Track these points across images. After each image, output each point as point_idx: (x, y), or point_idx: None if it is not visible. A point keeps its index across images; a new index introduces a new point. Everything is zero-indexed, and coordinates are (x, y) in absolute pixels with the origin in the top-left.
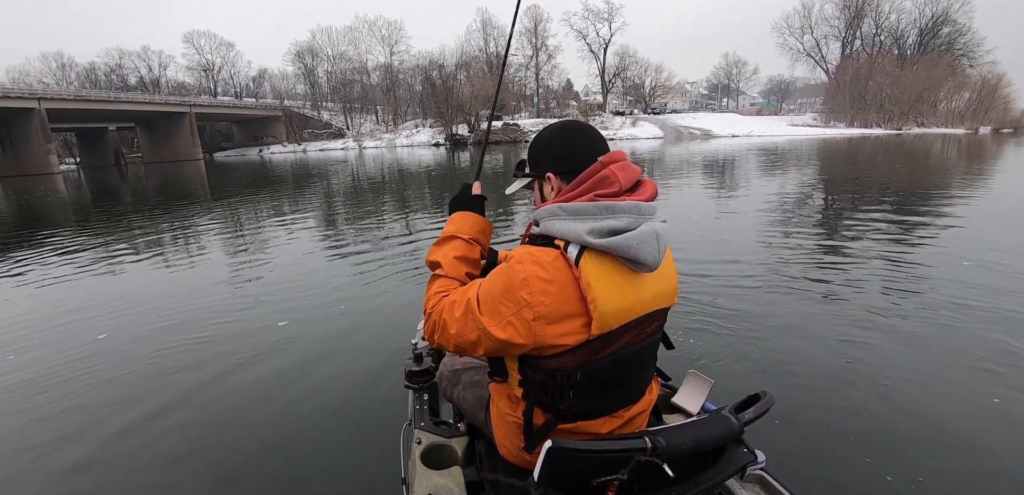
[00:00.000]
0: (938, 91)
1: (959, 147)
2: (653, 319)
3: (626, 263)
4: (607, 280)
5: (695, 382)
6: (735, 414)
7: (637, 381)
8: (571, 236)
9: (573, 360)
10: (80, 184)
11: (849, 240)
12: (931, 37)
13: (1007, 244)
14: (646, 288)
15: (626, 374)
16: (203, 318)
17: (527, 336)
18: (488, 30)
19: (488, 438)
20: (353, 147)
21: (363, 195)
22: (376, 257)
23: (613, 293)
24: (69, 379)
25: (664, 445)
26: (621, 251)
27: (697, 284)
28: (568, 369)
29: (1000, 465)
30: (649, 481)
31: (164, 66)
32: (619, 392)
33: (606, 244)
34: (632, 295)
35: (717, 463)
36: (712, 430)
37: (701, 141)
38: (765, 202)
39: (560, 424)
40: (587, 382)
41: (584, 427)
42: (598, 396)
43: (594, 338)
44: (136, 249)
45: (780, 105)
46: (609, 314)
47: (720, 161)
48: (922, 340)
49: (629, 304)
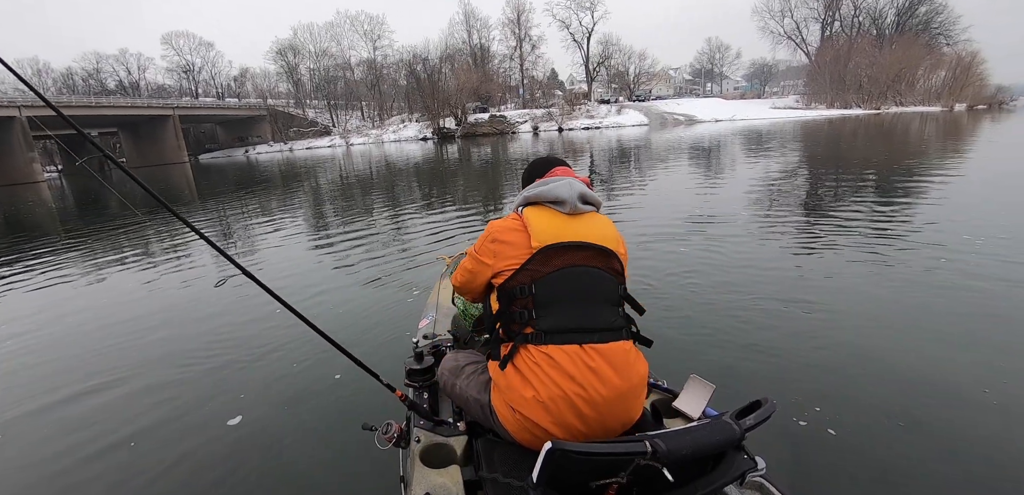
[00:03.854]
0: (915, 70)
1: (937, 125)
2: (593, 250)
3: (553, 206)
4: (540, 215)
5: (696, 387)
6: (736, 420)
7: (592, 307)
8: (520, 202)
9: (526, 275)
10: (64, 192)
11: (852, 237)
12: (908, 16)
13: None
14: (578, 223)
15: (577, 291)
16: (199, 319)
17: (492, 258)
18: (471, 22)
19: (488, 437)
20: (340, 144)
21: (354, 193)
22: (374, 257)
23: (544, 221)
24: (60, 386)
25: (664, 449)
26: (544, 196)
27: (697, 283)
28: (525, 283)
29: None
30: (648, 485)
31: (143, 69)
32: (575, 311)
33: (535, 194)
34: (562, 224)
35: (717, 469)
36: (712, 436)
37: (685, 127)
38: (760, 193)
39: (531, 344)
40: (543, 294)
41: (556, 355)
42: (557, 312)
43: (536, 252)
44: (134, 254)
45: (763, 88)
46: (542, 233)
47: (706, 147)
48: (932, 349)
49: (558, 228)
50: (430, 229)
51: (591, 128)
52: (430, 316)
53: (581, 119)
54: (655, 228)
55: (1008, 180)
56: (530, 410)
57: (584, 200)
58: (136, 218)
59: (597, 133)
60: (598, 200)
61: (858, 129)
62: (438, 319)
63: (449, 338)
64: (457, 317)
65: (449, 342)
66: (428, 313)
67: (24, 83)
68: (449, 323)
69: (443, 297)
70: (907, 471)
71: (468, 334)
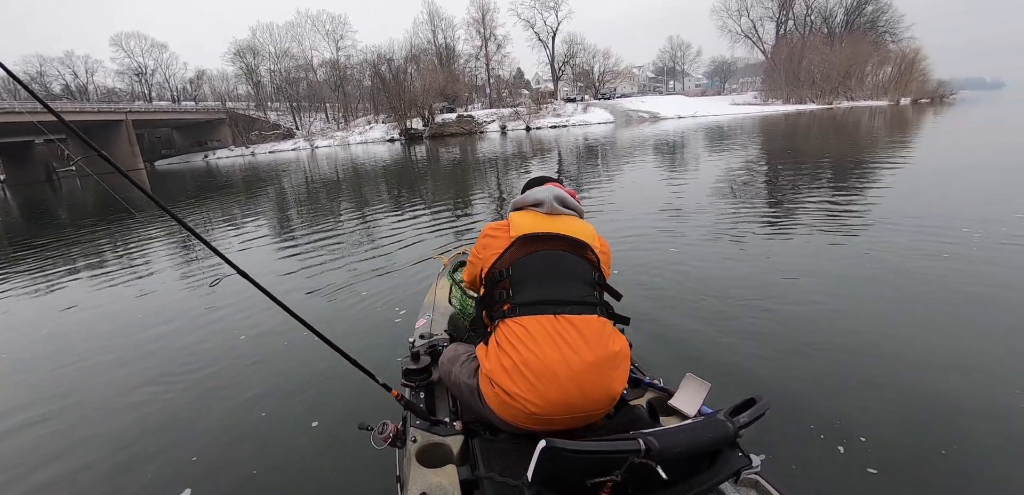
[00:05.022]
0: (864, 66)
1: (884, 118)
2: (567, 240)
3: (533, 209)
4: (522, 215)
5: (692, 385)
6: (730, 418)
7: (565, 283)
8: (510, 208)
9: (505, 261)
10: (7, 203)
11: (841, 230)
12: (856, 15)
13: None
14: (555, 221)
15: (550, 271)
16: (194, 320)
17: (482, 252)
18: (436, 21)
19: (484, 436)
20: (305, 147)
21: (338, 194)
22: (370, 257)
23: (525, 219)
24: (43, 399)
25: (657, 447)
26: (527, 200)
27: (696, 284)
28: (505, 266)
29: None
30: (643, 483)
31: (91, 72)
32: (548, 287)
33: (520, 200)
34: (540, 221)
35: (712, 466)
36: (706, 433)
37: (650, 124)
38: (726, 186)
39: (508, 319)
40: (519, 274)
41: (530, 325)
42: (531, 289)
43: (514, 241)
44: (100, 266)
45: (723, 85)
46: (521, 226)
47: (671, 143)
48: (926, 345)
49: (536, 223)
50: (429, 229)
51: (559, 127)
52: (427, 316)
53: (548, 118)
54: (631, 223)
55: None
56: (508, 381)
57: (563, 204)
58: (91, 228)
59: (565, 131)
60: (579, 208)
61: (812, 124)
62: (435, 319)
63: (446, 338)
64: (454, 316)
65: (446, 342)
66: (425, 313)
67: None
68: (446, 323)
69: (440, 297)
70: (903, 464)
71: (465, 333)
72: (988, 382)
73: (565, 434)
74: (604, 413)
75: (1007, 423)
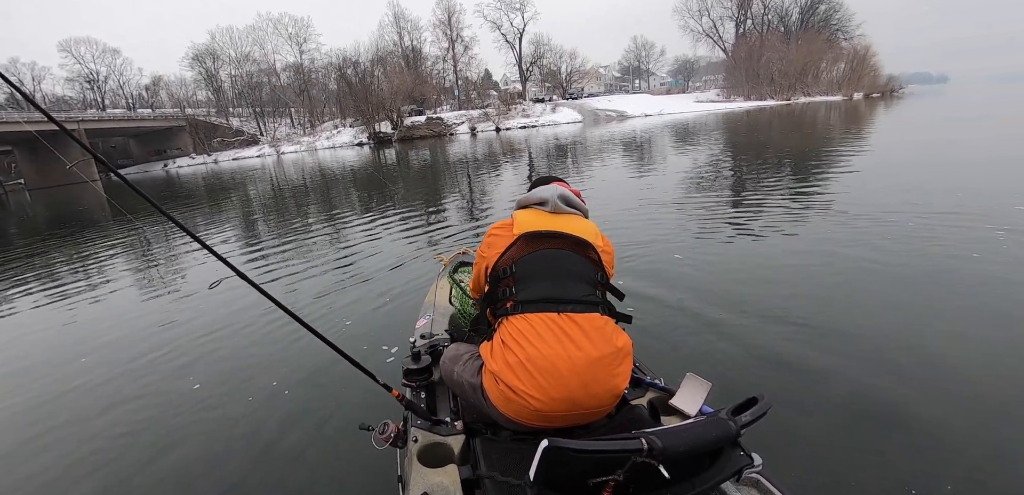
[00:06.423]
0: (819, 63)
1: (839, 113)
2: (570, 239)
3: (537, 207)
4: (526, 214)
5: (693, 384)
6: (732, 417)
7: (567, 281)
8: (515, 206)
9: (509, 258)
10: None
11: (830, 224)
12: (810, 14)
13: None
14: (559, 220)
15: (553, 269)
16: (193, 323)
17: (487, 250)
18: (401, 24)
19: (486, 436)
20: (270, 153)
21: (319, 200)
22: (369, 257)
23: (529, 217)
24: (37, 405)
25: (660, 446)
26: (531, 199)
27: (695, 283)
28: (508, 263)
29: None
30: (645, 482)
31: (38, 79)
32: (551, 285)
33: (524, 198)
34: (544, 219)
35: (714, 465)
36: (708, 432)
37: (618, 122)
38: (698, 181)
39: (512, 316)
40: (522, 271)
41: (533, 321)
42: (534, 286)
43: (517, 238)
44: (112, 265)
45: (687, 84)
46: (524, 224)
47: (639, 141)
48: (931, 345)
49: (539, 221)
50: (428, 229)
51: (528, 127)
52: (428, 316)
53: (518, 118)
54: (622, 220)
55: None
56: (513, 377)
57: (567, 203)
58: (42, 243)
59: (534, 132)
60: (584, 207)
61: (772, 119)
62: (436, 319)
63: (446, 338)
64: (454, 317)
65: (446, 342)
66: (425, 313)
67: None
68: (446, 323)
69: (441, 297)
70: (903, 462)
71: (466, 334)
72: (997, 385)
73: (566, 433)
74: (607, 410)
75: (1010, 423)
